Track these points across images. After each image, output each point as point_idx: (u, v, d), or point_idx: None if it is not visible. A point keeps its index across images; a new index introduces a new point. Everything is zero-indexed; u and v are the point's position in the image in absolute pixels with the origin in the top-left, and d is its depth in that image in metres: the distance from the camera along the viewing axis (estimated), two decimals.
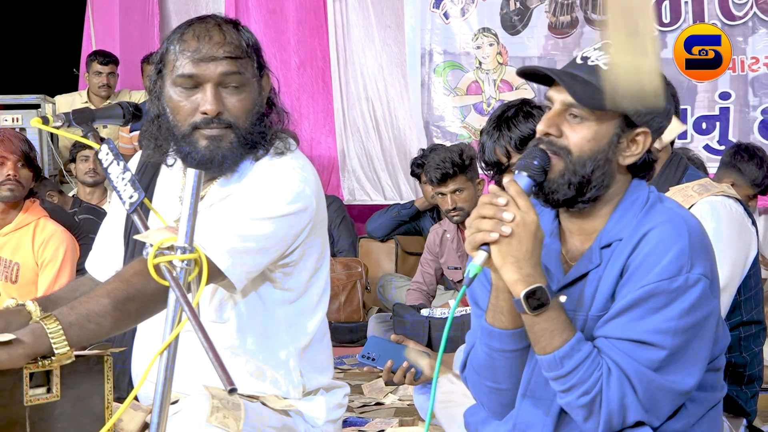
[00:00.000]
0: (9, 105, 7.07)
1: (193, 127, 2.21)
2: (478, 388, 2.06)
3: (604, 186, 1.93)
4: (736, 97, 6.42)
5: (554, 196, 1.93)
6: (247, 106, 2.23)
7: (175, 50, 2.22)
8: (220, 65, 2.19)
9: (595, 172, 1.91)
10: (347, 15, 7.60)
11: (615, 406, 1.84)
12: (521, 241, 1.82)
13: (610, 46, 1.92)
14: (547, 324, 1.85)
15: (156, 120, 2.28)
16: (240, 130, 2.22)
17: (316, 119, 7.79)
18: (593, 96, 1.88)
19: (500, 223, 1.83)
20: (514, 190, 1.86)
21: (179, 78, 2.21)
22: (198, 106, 2.20)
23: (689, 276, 1.84)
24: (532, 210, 1.84)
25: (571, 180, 1.91)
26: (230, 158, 2.22)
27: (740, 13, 6.38)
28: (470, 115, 7.30)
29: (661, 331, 1.83)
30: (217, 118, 2.20)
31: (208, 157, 2.20)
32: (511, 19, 7.11)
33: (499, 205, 1.84)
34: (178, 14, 7.91)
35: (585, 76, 1.90)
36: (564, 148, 1.91)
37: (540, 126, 1.93)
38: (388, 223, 6.56)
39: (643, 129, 1.93)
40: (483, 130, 2.95)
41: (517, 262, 1.83)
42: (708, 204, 2.54)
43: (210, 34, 2.20)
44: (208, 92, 2.19)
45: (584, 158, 1.91)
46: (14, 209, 4.30)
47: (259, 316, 2.28)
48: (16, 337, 1.85)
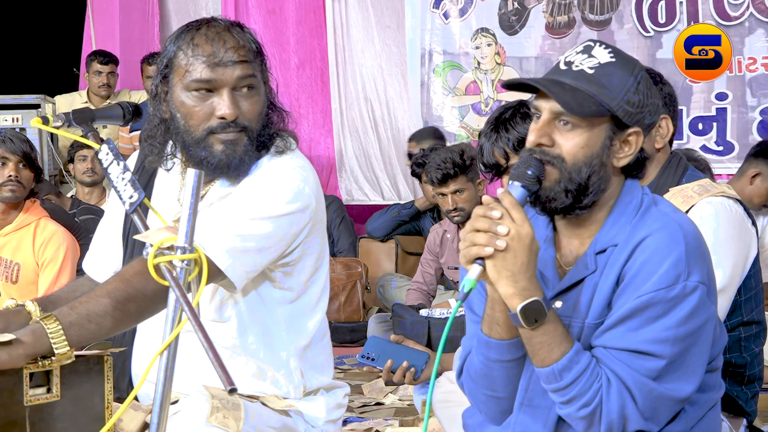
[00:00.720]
0: (9, 105, 7.07)
1: (209, 132, 2.20)
2: (475, 395, 2.06)
3: (600, 190, 1.91)
4: (733, 97, 6.41)
5: (552, 205, 1.90)
6: (259, 109, 2.24)
7: (187, 55, 2.20)
8: (237, 69, 2.19)
9: (591, 178, 1.88)
10: (346, 15, 7.60)
11: (615, 416, 1.83)
12: (516, 255, 1.80)
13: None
14: (544, 337, 1.83)
15: (160, 125, 2.28)
16: (253, 132, 2.22)
17: (315, 119, 7.79)
18: (583, 103, 1.85)
19: (495, 237, 1.80)
20: (509, 201, 1.83)
21: (194, 83, 2.19)
22: (213, 111, 2.19)
23: (687, 284, 1.82)
24: (526, 222, 1.82)
25: (567, 187, 1.88)
26: (246, 162, 2.22)
27: (736, 13, 6.38)
28: (468, 115, 7.30)
29: (660, 341, 1.82)
30: (234, 123, 2.19)
31: (225, 161, 2.20)
32: (509, 20, 7.11)
33: (494, 218, 1.82)
34: (177, 14, 7.91)
35: (572, 83, 1.88)
36: (557, 156, 1.88)
37: (531, 137, 1.90)
38: (388, 223, 6.56)
39: (634, 129, 1.91)
40: (481, 132, 2.94)
41: (513, 276, 1.80)
42: (708, 204, 2.53)
43: (223, 38, 2.20)
44: (225, 97, 2.18)
45: (579, 165, 1.88)
46: (15, 210, 4.31)
47: (260, 316, 2.28)
48: (16, 337, 1.85)
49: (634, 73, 1.90)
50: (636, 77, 1.90)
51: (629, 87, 1.88)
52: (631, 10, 6.64)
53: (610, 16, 6.76)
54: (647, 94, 1.92)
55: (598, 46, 1.92)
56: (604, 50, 1.91)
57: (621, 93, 1.87)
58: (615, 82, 1.87)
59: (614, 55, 1.90)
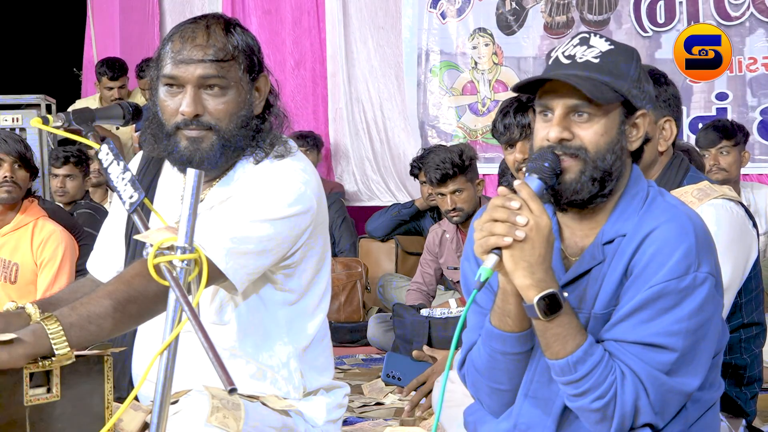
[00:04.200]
0: (9, 105, 7.06)
1: (176, 127, 2.22)
2: (479, 387, 2.06)
3: (620, 175, 1.93)
4: (733, 97, 6.42)
5: (578, 197, 1.91)
6: (231, 109, 2.23)
7: (165, 50, 2.24)
8: (199, 68, 2.19)
9: (615, 163, 1.91)
10: (342, 16, 7.61)
11: (629, 409, 1.84)
12: (534, 246, 1.80)
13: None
14: (559, 329, 1.84)
15: (154, 118, 2.30)
16: (222, 132, 2.22)
17: (310, 121, 7.79)
18: (602, 90, 1.88)
19: (514, 227, 1.80)
20: (526, 193, 1.84)
21: (164, 78, 2.23)
22: (179, 107, 2.21)
23: (697, 275, 1.84)
24: (545, 214, 1.83)
25: (593, 176, 1.90)
26: (210, 160, 2.22)
27: (737, 13, 6.38)
28: (465, 115, 7.31)
29: (672, 333, 1.83)
30: (197, 120, 2.20)
31: (187, 157, 2.21)
32: (507, 19, 7.11)
33: (512, 208, 1.82)
34: (177, 15, 7.91)
35: (584, 73, 1.90)
36: (580, 148, 1.90)
37: (552, 134, 1.91)
38: (388, 223, 6.56)
39: (641, 111, 1.95)
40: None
41: (530, 267, 1.81)
42: (709, 208, 2.53)
43: (194, 35, 2.21)
44: (187, 94, 2.20)
45: (602, 152, 1.90)
46: (12, 210, 4.31)
47: (260, 318, 2.28)
48: (16, 336, 1.86)
49: (634, 57, 1.95)
50: (636, 62, 1.95)
51: (634, 72, 1.93)
52: (629, 10, 6.65)
53: (608, 16, 6.77)
54: (646, 79, 1.97)
55: (593, 36, 1.95)
56: (600, 39, 1.95)
57: (628, 78, 1.92)
58: (621, 68, 1.92)
59: (611, 43, 1.95)
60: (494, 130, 3.72)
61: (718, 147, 5.28)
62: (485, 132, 7.02)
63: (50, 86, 7.66)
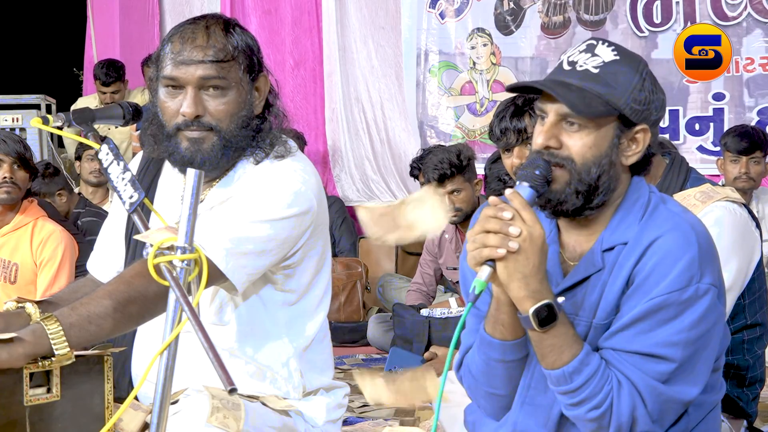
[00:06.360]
0: (9, 105, 7.07)
1: (177, 128, 2.22)
2: (475, 391, 2.05)
3: (611, 190, 1.88)
4: (730, 97, 6.41)
5: (563, 207, 1.88)
6: (231, 110, 2.23)
7: (165, 50, 2.24)
8: (200, 69, 2.19)
9: (601, 177, 1.86)
10: (342, 16, 7.61)
11: (625, 419, 1.82)
12: (528, 257, 1.78)
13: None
14: (555, 340, 1.82)
15: (154, 118, 2.30)
16: (223, 132, 2.22)
17: (310, 120, 7.79)
18: (590, 103, 1.84)
19: (507, 239, 1.77)
20: (518, 202, 1.81)
21: (164, 79, 2.23)
22: (180, 108, 2.21)
23: (699, 286, 1.81)
24: (538, 223, 1.79)
25: (578, 188, 1.86)
26: (211, 160, 2.22)
27: (734, 13, 6.37)
28: (464, 115, 7.30)
29: (672, 344, 1.81)
30: (197, 121, 2.21)
31: (188, 158, 2.22)
32: (505, 19, 7.11)
33: (505, 219, 1.79)
34: (177, 15, 7.91)
35: (577, 83, 1.86)
36: (567, 158, 1.86)
37: (538, 140, 1.88)
38: None
39: (641, 126, 1.89)
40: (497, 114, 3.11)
41: (525, 278, 1.78)
42: (713, 210, 2.53)
43: (194, 36, 2.21)
44: (187, 95, 2.20)
45: (588, 165, 1.86)
46: (11, 210, 4.31)
47: (260, 319, 2.28)
48: (16, 336, 1.86)
49: (639, 69, 1.89)
50: (641, 74, 1.88)
51: (635, 85, 1.87)
52: (626, 10, 6.65)
53: (604, 17, 6.76)
54: (653, 90, 1.90)
55: (601, 45, 1.90)
56: (607, 48, 1.89)
57: (627, 91, 1.86)
58: (621, 80, 1.86)
59: (618, 53, 1.89)
60: (491, 134, 3.73)
61: (751, 156, 5.26)
62: (483, 132, 7.02)
63: (50, 86, 7.67)
